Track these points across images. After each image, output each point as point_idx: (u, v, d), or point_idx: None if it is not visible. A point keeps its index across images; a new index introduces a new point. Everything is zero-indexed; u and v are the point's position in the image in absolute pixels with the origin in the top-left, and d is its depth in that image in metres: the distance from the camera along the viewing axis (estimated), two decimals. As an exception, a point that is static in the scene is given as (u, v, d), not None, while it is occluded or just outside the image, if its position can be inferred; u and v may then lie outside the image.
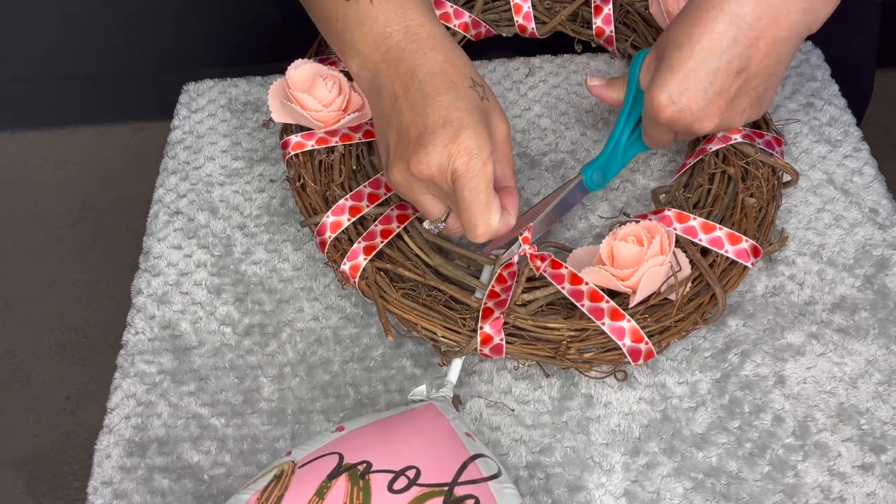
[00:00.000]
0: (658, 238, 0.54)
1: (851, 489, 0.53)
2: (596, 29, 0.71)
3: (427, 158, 0.51)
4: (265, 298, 0.63)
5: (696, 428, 0.55)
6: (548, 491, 0.54)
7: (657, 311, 0.55)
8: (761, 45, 0.54)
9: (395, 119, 0.53)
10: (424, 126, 0.51)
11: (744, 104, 0.58)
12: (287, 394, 0.59)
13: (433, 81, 0.52)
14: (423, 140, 0.51)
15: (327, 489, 0.44)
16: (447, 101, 0.52)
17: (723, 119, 0.58)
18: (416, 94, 0.52)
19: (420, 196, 0.54)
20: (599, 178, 0.63)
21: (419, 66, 0.53)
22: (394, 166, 0.53)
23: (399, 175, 0.53)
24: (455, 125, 0.51)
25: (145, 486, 0.55)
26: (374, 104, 0.56)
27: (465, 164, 0.51)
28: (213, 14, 1.58)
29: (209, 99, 0.75)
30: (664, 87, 0.56)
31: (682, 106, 0.56)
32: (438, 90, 0.52)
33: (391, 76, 0.54)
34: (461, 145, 0.51)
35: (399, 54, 0.54)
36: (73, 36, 1.61)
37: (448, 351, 0.55)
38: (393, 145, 0.53)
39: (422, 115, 0.52)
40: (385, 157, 0.55)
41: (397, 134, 0.53)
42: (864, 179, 0.66)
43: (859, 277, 0.61)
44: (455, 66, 0.53)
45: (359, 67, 0.56)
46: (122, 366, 0.61)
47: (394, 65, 0.54)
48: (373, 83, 0.55)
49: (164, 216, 0.68)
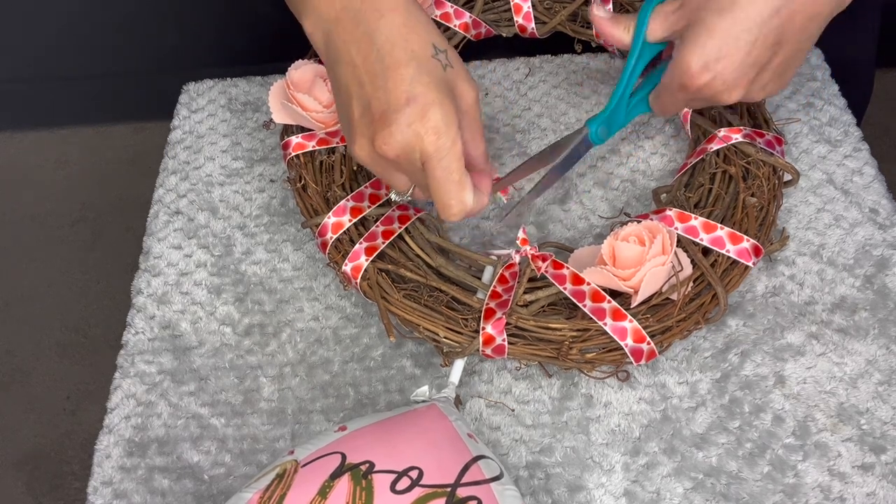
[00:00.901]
0: (659, 238, 0.54)
1: (851, 489, 0.53)
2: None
3: (392, 138, 0.49)
4: (265, 298, 0.63)
5: (696, 428, 0.55)
6: (548, 491, 0.54)
7: (659, 310, 0.55)
8: (798, 19, 0.53)
9: (355, 90, 0.50)
10: (387, 102, 0.49)
11: (768, 77, 0.55)
12: (287, 394, 0.59)
13: (393, 52, 0.49)
14: (387, 118, 0.49)
15: (330, 489, 0.44)
16: (409, 75, 0.49)
17: (748, 91, 0.55)
18: (375, 64, 0.49)
19: (385, 172, 0.52)
20: (604, 133, 0.61)
21: (377, 32, 0.49)
22: (356, 143, 0.51)
23: (362, 152, 0.51)
24: (420, 102, 0.48)
25: (145, 486, 0.55)
26: (331, 71, 0.52)
27: (433, 143, 0.49)
28: (213, 14, 1.58)
29: (209, 99, 0.75)
30: (701, 53, 0.53)
31: (716, 73, 0.54)
32: (399, 62, 0.49)
33: (346, 40, 0.50)
34: (428, 123, 0.48)
35: (355, 15, 0.50)
36: (73, 36, 1.61)
37: (450, 352, 0.56)
38: (356, 119, 0.51)
39: (383, 88, 0.49)
40: (347, 131, 0.52)
41: (360, 107, 0.50)
42: (864, 179, 0.66)
43: (859, 277, 0.61)
44: (415, 30, 0.50)
45: (312, 27, 0.52)
46: (122, 366, 0.61)
47: (349, 27, 0.50)
48: (329, 46, 0.52)
49: (164, 216, 0.68)
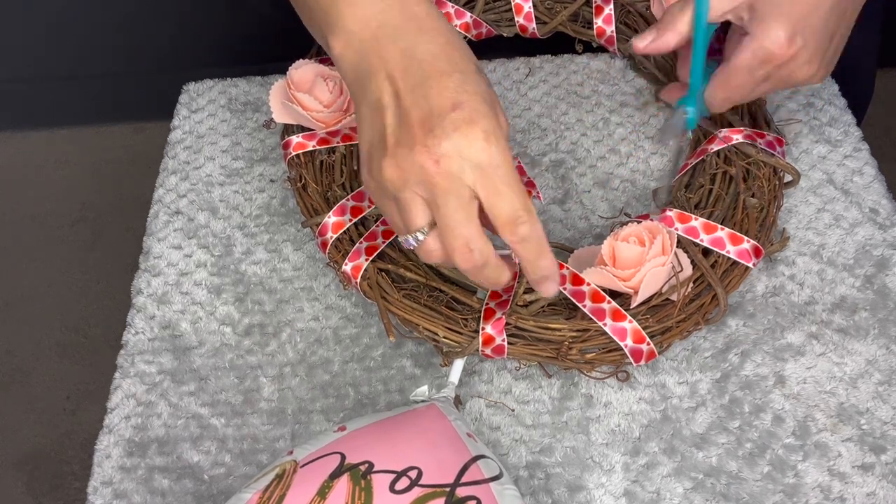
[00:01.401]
0: (660, 238, 0.54)
1: (851, 489, 0.53)
2: (597, 29, 0.71)
3: (438, 146, 0.44)
4: (265, 298, 0.63)
5: (696, 428, 0.55)
6: (548, 491, 0.54)
7: (659, 311, 0.55)
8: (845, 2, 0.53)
9: (389, 101, 0.46)
10: (430, 108, 0.45)
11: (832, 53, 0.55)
12: (287, 394, 0.59)
13: (435, 63, 0.46)
14: (430, 123, 0.45)
15: (329, 489, 0.44)
16: (454, 84, 0.45)
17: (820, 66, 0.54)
18: (416, 75, 0.46)
19: (409, 195, 0.46)
20: (695, 115, 0.59)
21: (417, 47, 0.47)
22: (391, 156, 0.46)
23: (395, 167, 0.45)
24: (467, 108, 0.45)
25: (145, 486, 0.55)
26: (360, 87, 0.48)
27: (486, 150, 0.44)
28: (213, 14, 1.58)
29: (209, 99, 0.75)
30: (787, 20, 0.52)
31: (804, 41, 0.52)
32: (442, 71, 0.46)
33: (384, 57, 0.47)
34: (478, 130, 0.44)
35: (394, 32, 0.47)
36: (73, 36, 1.61)
37: (450, 351, 0.56)
38: (389, 131, 0.46)
39: (424, 97, 0.45)
40: (375, 148, 0.47)
41: (395, 118, 0.46)
42: (864, 179, 0.66)
43: (859, 277, 0.61)
44: (458, 49, 0.48)
45: (343, 47, 0.49)
46: (122, 366, 0.61)
47: (386, 44, 0.47)
48: (359, 65, 0.48)
49: (164, 216, 0.68)
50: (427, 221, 0.47)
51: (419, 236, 0.47)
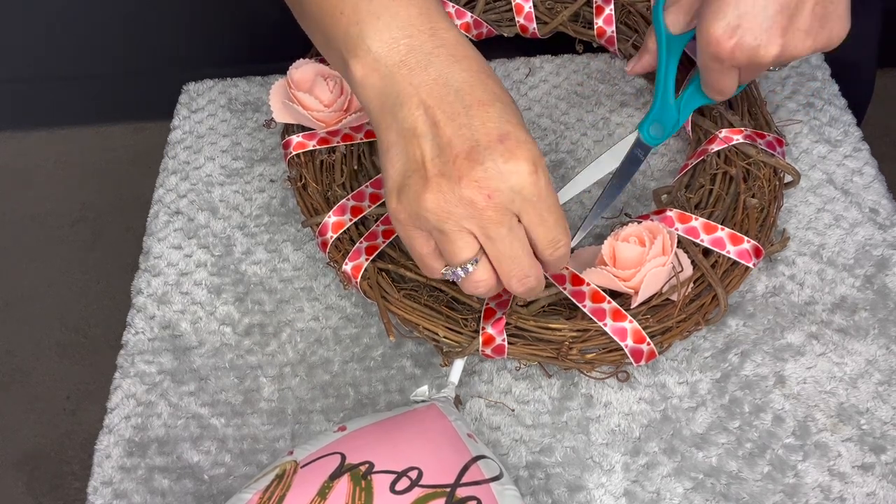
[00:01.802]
0: (660, 239, 0.54)
1: (851, 489, 0.53)
2: (597, 29, 0.71)
3: (487, 179, 0.43)
4: (265, 298, 0.63)
5: (696, 428, 0.55)
6: (548, 491, 0.54)
7: (659, 311, 0.55)
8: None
9: (426, 130, 0.45)
10: (475, 140, 0.44)
11: (807, 22, 0.53)
12: (287, 394, 0.59)
13: (473, 92, 0.45)
14: (476, 155, 0.44)
15: (329, 489, 0.44)
16: (496, 113, 0.45)
17: (786, 40, 0.53)
18: (454, 104, 0.45)
19: (454, 228, 0.45)
20: (658, 131, 0.61)
21: (452, 75, 0.45)
22: (434, 188, 0.44)
23: (439, 200, 0.44)
24: (513, 139, 0.44)
25: (145, 486, 0.55)
26: (387, 115, 0.46)
27: (535, 182, 0.44)
28: (213, 14, 1.58)
29: (209, 99, 0.75)
30: (720, 16, 0.52)
31: (743, 31, 0.52)
32: (483, 100, 0.45)
33: (415, 83, 0.45)
34: (525, 162, 0.44)
35: (425, 58, 0.46)
36: (73, 36, 1.61)
37: (450, 351, 0.56)
38: (428, 160, 0.45)
39: (467, 126, 0.44)
40: (411, 177, 0.45)
41: (434, 147, 0.45)
42: (864, 179, 0.66)
43: (859, 277, 0.61)
44: (491, 76, 0.47)
45: (367, 71, 0.47)
46: (122, 366, 0.61)
47: (417, 70, 0.45)
48: (386, 91, 0.46)
49: (164, 216, 0.68)
50: (475, 254, 0.46)
51: (469, 268, 0.47)
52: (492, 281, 0.48)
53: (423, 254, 0.48)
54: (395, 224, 0.47)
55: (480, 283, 0.48)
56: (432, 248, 0.47)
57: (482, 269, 0.47)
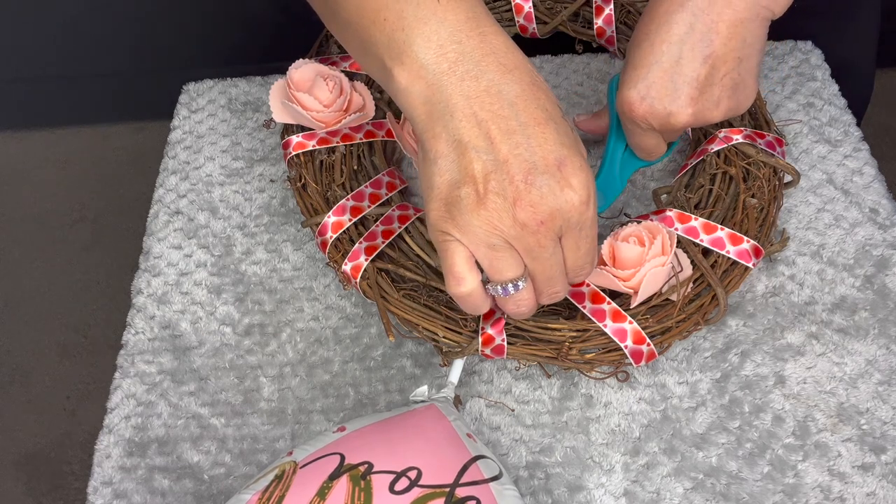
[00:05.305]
0: (659, 238, 0.54)
1: (851, 489, 0.53)
2: (597, 29, 0.71)
3: (542, 202, 0.44)
4: (265, 298, 0.63)
5: (696, 428, 0.55)
6: (548, 491, 0.54)
7: (658, 311, 0.55)
8: (721, 28, 0.53)
9: (480, 144, 0.44)
10: (532, 163, 0.44)
11: (717, 92, 0.55)
12: (287, 394, 0.59)
13: (528, 108, 0.45)
14: (533, 179, 0.44)
15: (328, 490, 0.44)
16: (552, 135, 0.44)
17: (697, 109, 0.55)
18: (510, 120, 0.44)
19: (502, 245, 0.45)
20: (600, 200, 0.62)
21: (505, 87, 0.45)
22: (486, 203, 0.44)
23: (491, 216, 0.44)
24: (569, 165, 0.44)
25: (145, 486, 0.55)
26: (435, 123, 0.45)
27: (583, 212, 0.45)
28: (213, 14, 1.58)
29: (209, 99, 0.75)
30: (632, 86, 0.55)
31: (651, 99, 0.55)
32: (538, 119, 0.45)
33: (466, 94, 0.44)
34: (579, 190, 0.44)
35: (475, 67, 0.44)
36: (74, 36, 1.61)
37: (450, 352, 0.56)
38: (480, 176, 0.44)
39: (525, 146, 0.44)
40: (460, 189, 0.45)
41: (489, 163, 0.44)
42: (864, 179, 0.66)
43: (859, 277, 0.61)
44: (542, 89, 0.46)
45: (412, 77, 0.45)
46: (122, 366, 0.61)
47: (469, 79, 0.44)
48: (434, 99, 0.45)
49: (164, 216, 0.68)
50: (521, 272, 0.47)
51: (520, 285, 0.47)
52: (533, 301, 0.49)
53: (457, 264, 0.47)
54: (434, 233, 0.47)
55: (523, 302, 0.48)
56: (466, 259, 0.47)
57: (529, 290, 0.48)
